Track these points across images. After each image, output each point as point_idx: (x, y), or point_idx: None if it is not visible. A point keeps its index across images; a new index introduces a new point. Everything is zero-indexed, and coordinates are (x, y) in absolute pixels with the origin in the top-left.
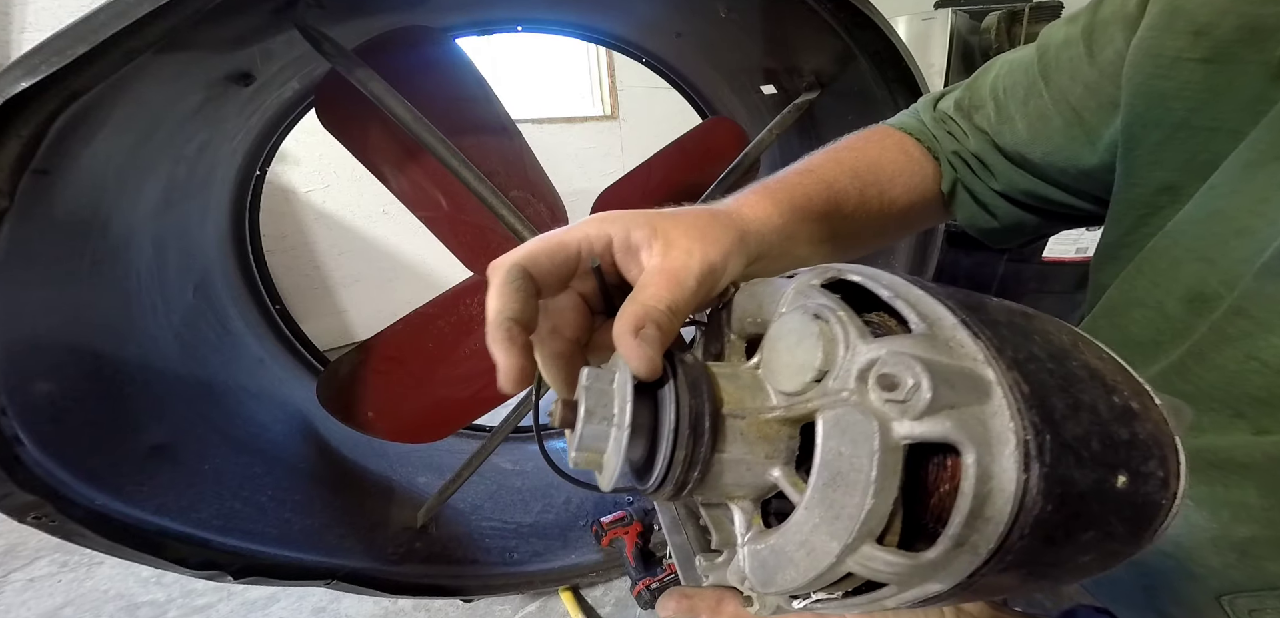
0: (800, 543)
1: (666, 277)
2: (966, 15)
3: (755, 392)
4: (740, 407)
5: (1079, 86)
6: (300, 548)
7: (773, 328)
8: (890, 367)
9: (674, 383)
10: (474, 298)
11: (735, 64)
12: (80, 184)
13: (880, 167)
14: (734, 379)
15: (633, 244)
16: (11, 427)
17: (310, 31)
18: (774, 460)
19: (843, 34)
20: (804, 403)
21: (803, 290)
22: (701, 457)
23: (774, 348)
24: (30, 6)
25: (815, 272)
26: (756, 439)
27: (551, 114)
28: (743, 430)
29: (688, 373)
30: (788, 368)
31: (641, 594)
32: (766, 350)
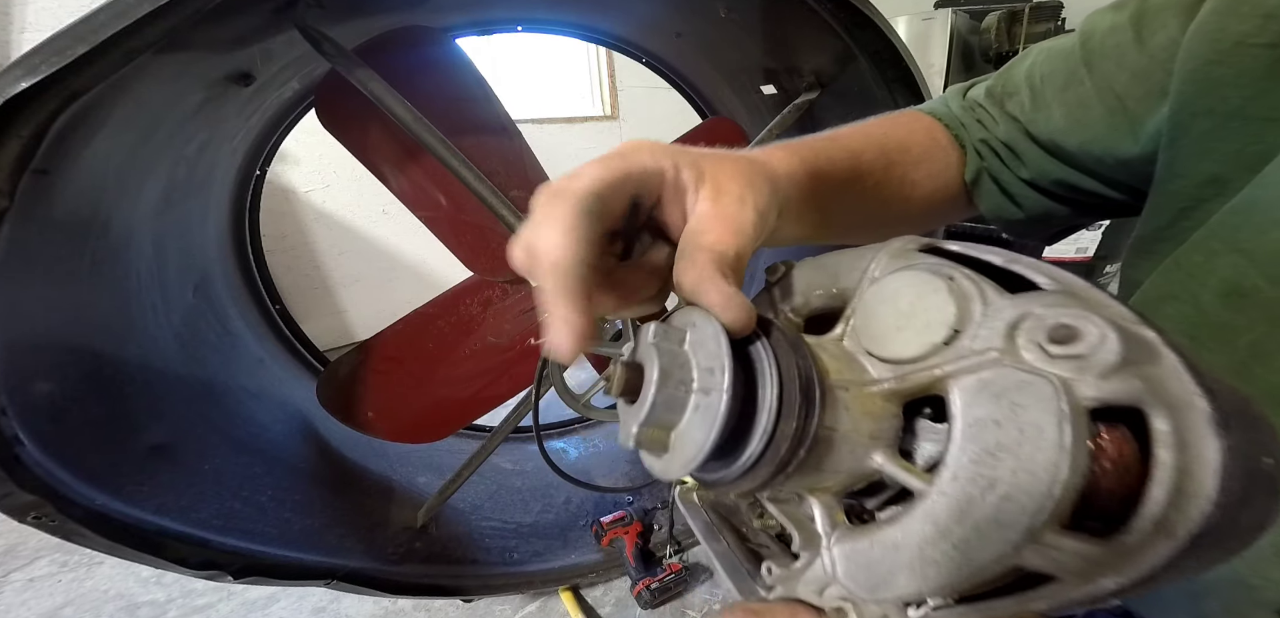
0: (936, 535)
1: (726, 223)
2: (966, 15)
3: (850, 363)
4: (841, 376)
5: (1125, 73)
6: (300, 548)
7: (870, 292)
8: (1066, 318)
9: (767, 342)
10: (474, 298)
11: (735, 64)
12: (80, 184)
13: (908, 148)
14: (822, 349)
15: (681, 184)
16: (11, 427)
17: (310, 31)
18: (877, 443)
19: (843, 34)
20: (925, 369)
21: (901, 254)
22: (811, 431)
23: (876, 313)
24: (30, 6)
25: (905, 240)
26: (861, 415)
27: (551, 114)
28: (848, 404)
29: (782, 332)
30: (901, 332)
31: (641, 594)
32: (863, 317)
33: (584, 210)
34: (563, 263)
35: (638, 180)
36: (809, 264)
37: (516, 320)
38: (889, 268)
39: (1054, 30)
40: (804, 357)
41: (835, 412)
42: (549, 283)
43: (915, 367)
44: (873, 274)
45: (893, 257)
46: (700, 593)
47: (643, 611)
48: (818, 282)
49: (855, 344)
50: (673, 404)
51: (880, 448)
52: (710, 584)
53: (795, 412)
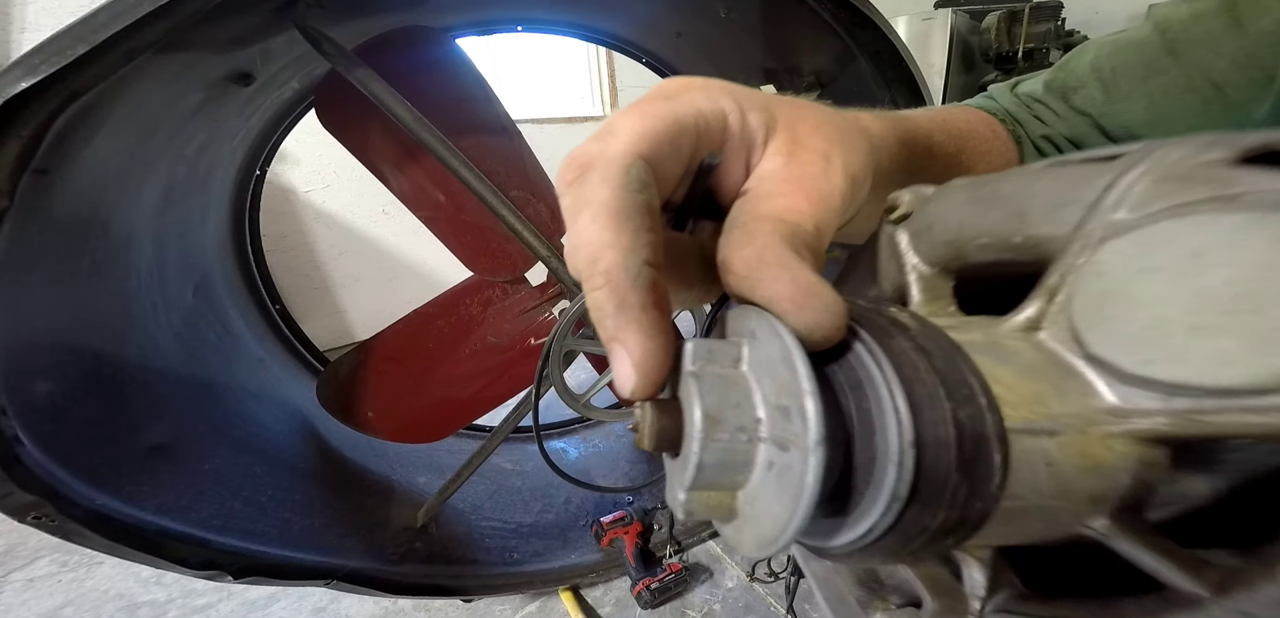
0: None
1: (803, 187)
2: (966, 15)
3: (1058, 381)
4: (1042, 411)
5: (1223, 60)
6: (300, 548)
7: (1112, 251)
8: None
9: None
10: (474, 298)
11: (735, 64)
12: (80, 184)
13: (973, 135)
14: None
15: (748, 133)
16: (11, 427)
17: (310, 31)
18: (1100, 507)
19: (843, 34)
20: (1264, 410)
21: (1196, 172)
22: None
23: (1133, 292)
24: (30, 6)
25: (1189, 144)
26: (1076, 473)
27: (551, 114)
28: (1053, 459)
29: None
30: (1210, 336)
31: (641, 594)
32: (1094, 296)
33: (631, 185)
34: (617, 269)
35: (694, 130)
36: (961, 191)
37: (516, 320)
38: (1166, 201)
39: (1054, 30)
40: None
41: (1024, 477)
42: (605, 298)
43: (1236, 403)
44: (1117, 214)
45: (1170, 179)
46: (700, 593)
47: (643, 611)
48: (981, 222)
49: (1066, 340)
50: (732, 460)
51: (1105, 513)
52: (710, 584)
53: (945, 495)
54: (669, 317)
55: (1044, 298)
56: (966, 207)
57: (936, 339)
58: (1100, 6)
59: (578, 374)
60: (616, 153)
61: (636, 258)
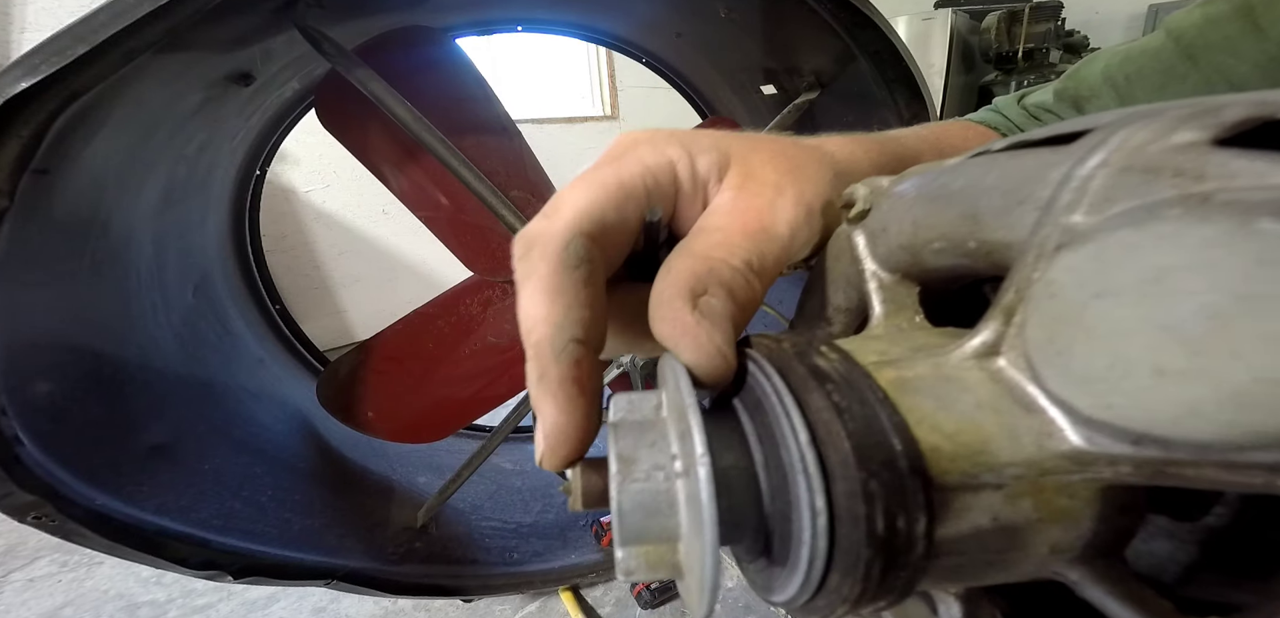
0: None
1: (744, 219)
2: (966, 15)
3: (1014, 421)
4: (986, 463)
5: (1245, 65)
6: (300, 548)
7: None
8: None
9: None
10: (474, 298)
11: (735, 64)
12: (80, 184)
13: (966, 150)
14: (942, 389)
15: (699, 176)
16: (11, 427)
17: (310, 31)
18: (1065, 553)
19: (843, 34)
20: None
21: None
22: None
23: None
24: (30, 6)
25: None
26: (1032, 522)
27: (551, 114)
28: (999, 513)
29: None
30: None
31: (641, 594)
32: (1051, 322)
33: (568, 263)
34: (543, 343)
35: (642, 189)
36: (913, 184)
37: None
38: (1127, 203)
39: (1054, 30)
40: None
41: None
42: (531, 369)
43: (1212, 456)
44: (1071, 217)
45: (1132, 169)
46: None
47: (643, 611)
48: (935, 222)
49: (1024, 371)
50: (652, 502)
51: (1075, 565)
52: None
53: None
54: (590, 392)
55: (1001, 319)
56: (918, 204)
57: (857, 391)
58: (1100, 6)
59: None
60: (557, 230)
61: (563, 335)
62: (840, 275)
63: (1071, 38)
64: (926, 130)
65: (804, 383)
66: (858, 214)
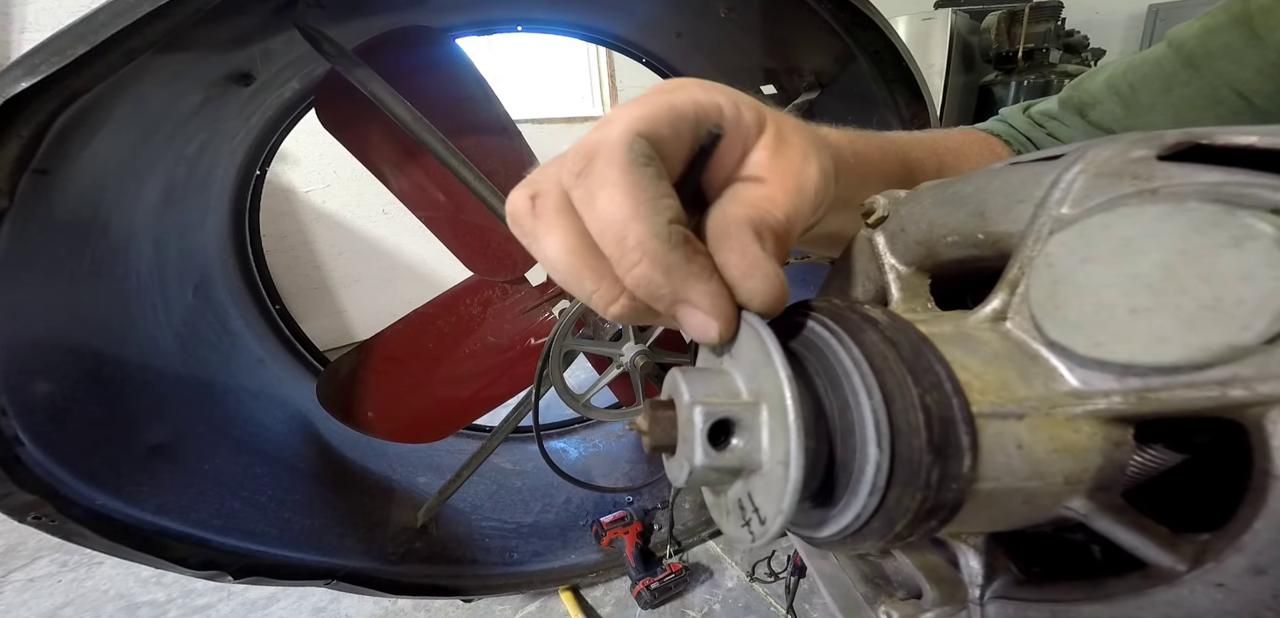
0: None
1: (783, 178)
2: (966, 15)
3: (1023, 367)
4: (1009, 395)
5: (1247, 71)
6: (300, 548)
7: (1060, 243)
8: None
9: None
10: (474, 298)
11: (735, 64)
12: (80, 184)
13: (963, 155)
14: (969, 343)
15: (743, 125)
16: (11, 427)
17: (310, 31)
18: (1077, 488)
19: (843, 34)
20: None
21: (1124, 171)
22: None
23: (1080, 280)
24: (30, 6)
25: (1121, 143)
26: (1048, 454)
27: (551, 114)
28: (1023, 441)
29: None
30: (1148, 316)
31: (641, 594)
32: (1048, 286)
33: (638, 161)
34: (649, 238)
35: (693, 117)
36: (929, 194)
37: (516, 320)
38: (1100, 196)
39: (1054, 30)
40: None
41: (997, 459)
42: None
43: (1176, 380)
44: (1060, 211)
45: (1103, 175)
46: (700, 593)
47: (643, 611)
48: (948, 221)
49: (1029, 328)
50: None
51: (1082, 494)
52: (710, 584)
53: (920, 479)
54: (711, 258)
55: (1007, 290)
56: (934, 208)
57: (904, 332)
58: (1100, 7)
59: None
60: (617, 135)
61: (662, 219)
62: (861, 271)
63: (1071, 38)
64: (927, 134)
65: (858, 325)
66: (877, 220)
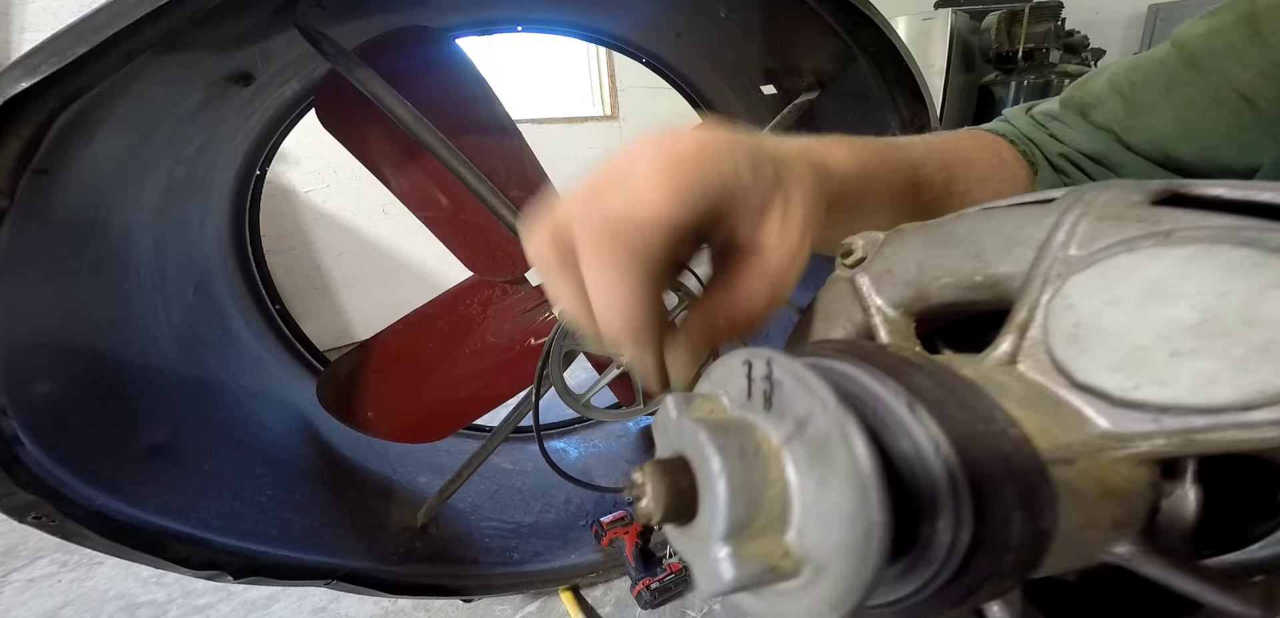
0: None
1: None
2: (966, 15)
3: (1055, 410)
4: (1054, 440)
5: (1249, 72)
6: (300, 548)
7: (1080, 285)
8: None
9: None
10: (474, 298)
11: (735, 64)
12: (80, 184)
13: (971, 163)
14: (993, 387)
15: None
16: (11, 427)
17: (310, 31)
18: (1122, 533)
19: (843, 34)
20: (1248, 426)
21: (1125, 211)
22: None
23: (1107, 322)
24: (30, 6)
25: (1119, 186)
26: (1098, 500)
27: (551, 114)
28: (1076, 487)
29: (935, 386)
30: (1188, 359)
31: (641, 594)
32: (1068, 327)
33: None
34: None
35: (714, 206)
36: (914, 234)
37: (516, 320)
38: (1109, 238)
39: (1054, 30)
40: (993, 421)
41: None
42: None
43: (1227, 419)
44: (1068, 251)
45: (1107, 218)
46: (700, 593)
47: (643, 611)
48: (940, 263)
49: (1048, 372)
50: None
51: (1129, 540)
52: None
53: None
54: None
55: (1016, 333)
56: (923, 249)
57: (947, 375)
58: (1100, 7)
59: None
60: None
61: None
62: (839, 314)
63: (1071, 38)
64: (936, 139)
65: (900, 368)
66: (856, 261)
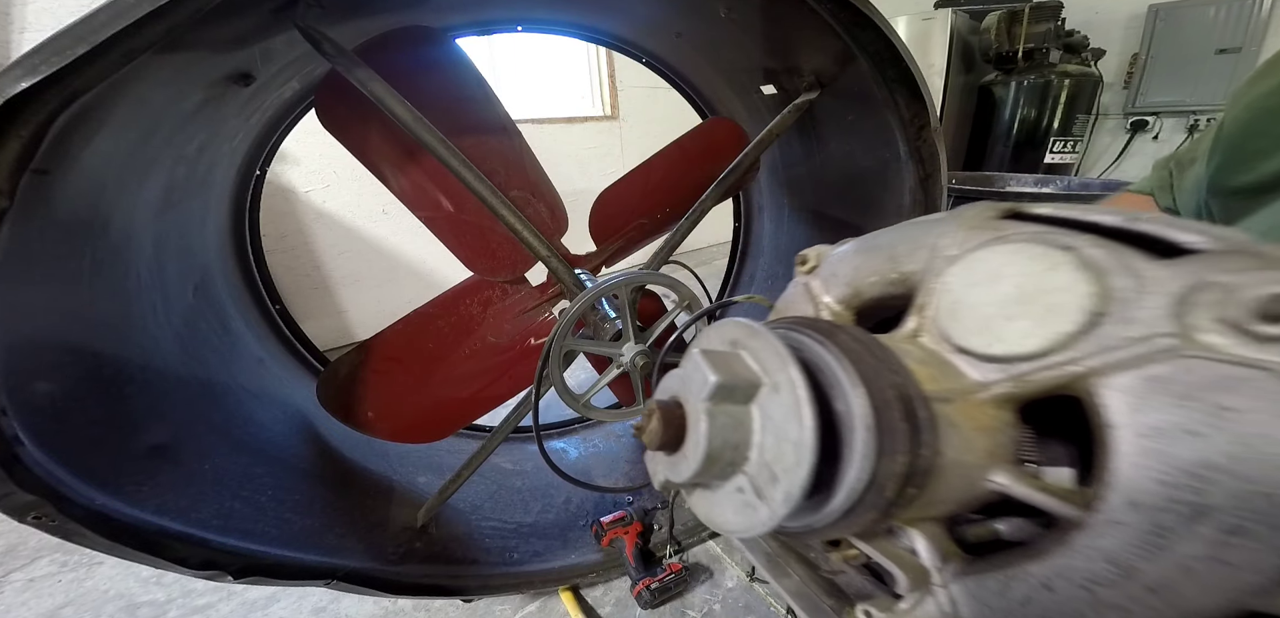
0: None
1: None
2: (966, 15)
3: (942, 367)
4: (938, 386)
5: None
6: (300, 548)
7: (953, 275)
8: (1275, 285)
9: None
10: (474, 298)
11: (735, 64)
12: (80, 184)
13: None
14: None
15: None
16: (11, 427)
17: (310, 31)
18: (995, 461)
19: (843, 34)
20: (1053, 366)
21: (984, 223)
22: (922, 465)
23: (968, 299)
24: (30, 6)
25: (980, 205)
26: (972, 432)
27: (551, 114)
28: (954, 421)
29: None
30: (1012, 320)
31: (641, 594)
32: (947, 306)
33: None
34: None
35: None
36: (850, 246)
37: (516, 320)
38: (972, 242)
39: (1054, 30)
40: (895, 367)
41: (942, 433)
42: None
43: (1038, 364)
44: (947, 251)
45: (972, 228)
46: (700, 593)
47: (643, 611)
48: (869, 266)
49: (938, 341)
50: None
51: (1000, 467)
52: (710, 584)
53: (900, 444)
54: None
55: (917, 315)
56: (857, 256)
57: (864, 337)
58: (1100, 7)
59: (578, 374)
60: None
61: None
62: (797, 309)
63: (1071, 38)
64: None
65: (831, 330)
66: (810, 268)
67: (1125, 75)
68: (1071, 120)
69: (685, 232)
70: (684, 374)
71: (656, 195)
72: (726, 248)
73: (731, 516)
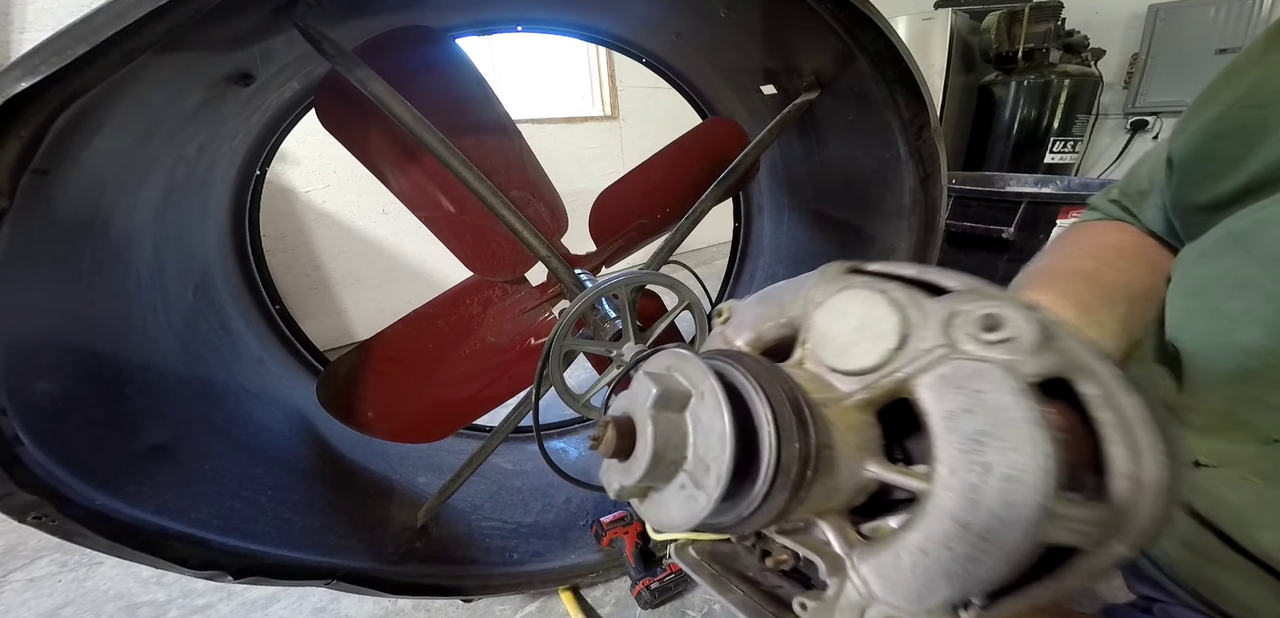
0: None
1: None
2: (966, 15)
3: (820, 382)
4: (818, 395)
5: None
6: (300, 548)
7: (818, 315)
8: (989, 308)
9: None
10: (474, 298)
11: (735, 64)
12: (80, 184)
13: (1121, 250)
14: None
15: None
16: (11, 427)
17: (310, 31)
18: (866, 453)
19: (843, 34)
20: (887, 374)
21: (835, 277)
22: (813, 448)
23: (829, 332)
24: (30, 6)
25: (835, 264)
26: (846, 429)
27: (551, 114)
28: (833, 420)
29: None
30: (858, 344)
31: (641, 594)
32: (818, 338)
33: None
34: None
35: None
36: (752, 300)
37: (516, 320)
38: (829, 291)
39: (1054, 30)
40: (786, 380)
41: (826, 428)
42: None
43: (878, 374)
44: (815, 299)
45: (829, 281)
46: (700, 593)
47: (643, 611)
48: (766, 314)
49: (817, 365)
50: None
51: (870, 457)
52: None
53: (794, 433)
54: None
55: (800, 347)
56: (757, 307)
57: (762, 362)
58: (1100, 7)
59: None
60: None
61: None
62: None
63: (1071, 38)
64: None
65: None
66: (724, 320)
67: (1125, 75)
68: (1072, 120)
69: (685, 232)
70: (631, 393)
71: (656, 195)
72: (726, 248)
73: (676, 511)
